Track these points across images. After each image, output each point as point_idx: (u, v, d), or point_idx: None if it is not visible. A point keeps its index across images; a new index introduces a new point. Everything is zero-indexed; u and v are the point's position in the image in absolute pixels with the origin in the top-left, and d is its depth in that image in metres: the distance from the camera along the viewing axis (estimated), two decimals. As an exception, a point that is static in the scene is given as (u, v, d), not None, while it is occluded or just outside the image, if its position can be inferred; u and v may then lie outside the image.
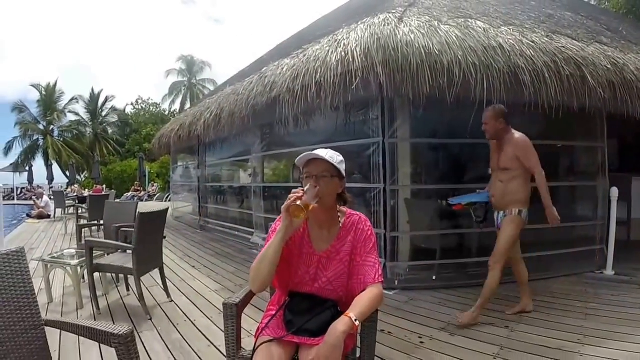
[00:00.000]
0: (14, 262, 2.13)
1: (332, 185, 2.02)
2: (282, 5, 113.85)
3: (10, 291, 2.07)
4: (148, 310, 4.51)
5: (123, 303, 5.02)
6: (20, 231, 12.55)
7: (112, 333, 1.94)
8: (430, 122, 5.74)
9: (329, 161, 2.00)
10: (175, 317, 4.44)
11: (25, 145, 39.77)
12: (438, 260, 5.41)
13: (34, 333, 2.11)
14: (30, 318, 2.12)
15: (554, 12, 6.88)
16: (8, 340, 2.00)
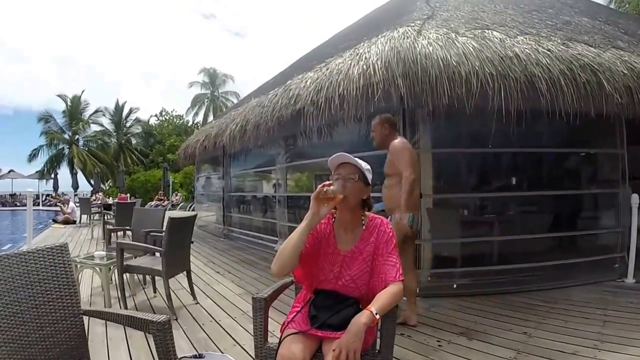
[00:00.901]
0: (57, 255, 2.32)
1: (358, 187, 2.17)
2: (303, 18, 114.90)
3: (53, 281, 2.27)
4: (174, 310, 4.71)
5: (150, 304, 5.27)
6: (46, 235, 13.24)
7: (151, 320, 2.10)
8: (450, 132, 5.83)
9: (357, 165, 2.18)
10: (200, 318, 4.63)
11: (51, 154, 40.88)
12: (459, 268, 5.49)
13: (73, 320, 2.29)
14: (70, 307, 2.30)
15: (571, 19, 6.94)
16: (48, 325, 2.19)
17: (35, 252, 2.26)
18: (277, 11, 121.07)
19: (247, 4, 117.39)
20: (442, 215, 5.90)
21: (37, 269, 2.23)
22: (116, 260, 4.99)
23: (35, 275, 2.21)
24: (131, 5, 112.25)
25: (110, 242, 7.18)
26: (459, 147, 5.69)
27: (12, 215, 26.05)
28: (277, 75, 12.00)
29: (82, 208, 15.89)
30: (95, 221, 13.82)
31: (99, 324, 4.22)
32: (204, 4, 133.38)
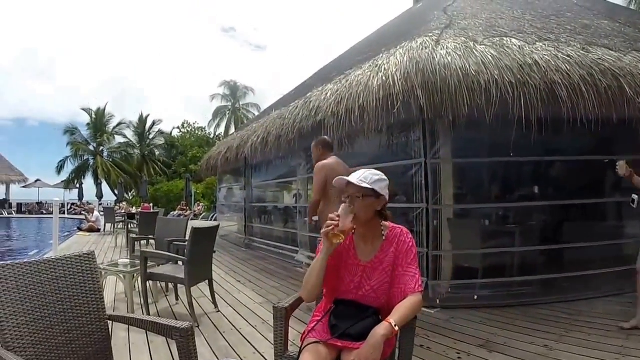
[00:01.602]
0: (85, 262, 2.43)
1: (365, 204, 2.16)
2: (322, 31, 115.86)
3: (81, 287, 2.37)
4: (196, 318, 4.80)
5: (172, 311, 5.37)
6: (71, 242, 13.58)
7: (175, 327, 2.15)
8: (471, 141, 5.83)
9: (358, 183, 2.15)
10: (221, 326, 4.70)
11: (76, 165, 41.92)
12: (480, 279, 5.44)
13: (98, 325, 2.39)
14: (96, 312, 2.40)
15: (590, 22, 6.87)
16: (75, 329, 2.28)
17: (64, 259, 2.36)
18: (297, 24, 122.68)
19: (266, 18, 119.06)
20: (463, 226, 5.89)
21: (65, 275, 2.32)
22: (140, 268, 5.12)
23: (63, 281, 2.30)
24: (152, 20, 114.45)
25: (134, 251, 7.33)
26: (480, 156, 5.68)
27: (38, 223, 26.54)
28: (297, 87, 12.13)
29: (107, 217, 16.34)
30: (119, 230, 14.20)
31: (121, 329, 4.31)
32: (223, 18, 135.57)
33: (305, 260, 8.45)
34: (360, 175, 2.20)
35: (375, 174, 2.22)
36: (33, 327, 2.11)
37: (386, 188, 2.23)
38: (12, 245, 16.58)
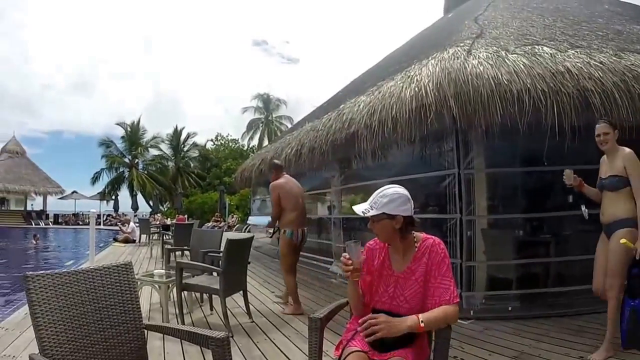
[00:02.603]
0: (123, 273, 2.54)
1: (382, 226, 2.26)
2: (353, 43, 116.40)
3: (118, 296, 2.47)
4: (230, 328, 4.89)
5: (206, 321, 5.51)
6: (107, 252, 14.02)
7: (211, 336, 2.21)
8: (504, 151, 5.80)
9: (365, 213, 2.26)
10: (255, 336, 4.78)
11: (112, 177, 43.21)
12: (514, 290, 5.41)
13: (135, 333, 2.49)
14: (133, 320, 2.50)
15: (622, 27, 6.77)
16: (112, 338, 2.38)
17: (102, 269, 2.47)
18: (328, 37, 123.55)
19: (298, 31, 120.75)
20: (497, 236, 5.86)
21: (103, 284, 2.43)
22: (175, 278, 5.26)
23: (101, 290, 2.41)
24: (185, 36, 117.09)
25: (169, 261, 7.53)
26: (513, 166, 5.64)
27: (74, 234, 27.34)
28: (330, 99, 12.26)
29: (142, 228, 16.90)
30: (154, 241, 14.63)
31: (156, 338, 4.40)
32: (255, 31, 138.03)
33: (340, 271, 8.50)
34: (371, 200, 2.29)
35: (385, 195, 2.26)
36: (71, 335, 2.20)
37: (402, 205, 2.25)
38: (49, 255, 17.26)
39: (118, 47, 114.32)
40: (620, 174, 3.75)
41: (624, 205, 3.74)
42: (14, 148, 41.71)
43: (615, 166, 3.82)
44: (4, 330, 5.04)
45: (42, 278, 2.19)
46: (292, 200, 6.09)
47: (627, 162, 3.72)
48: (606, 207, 3.93)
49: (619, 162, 3.78)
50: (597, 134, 3.87)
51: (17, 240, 24.36)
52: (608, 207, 3.91)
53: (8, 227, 32.76)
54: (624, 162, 3.74)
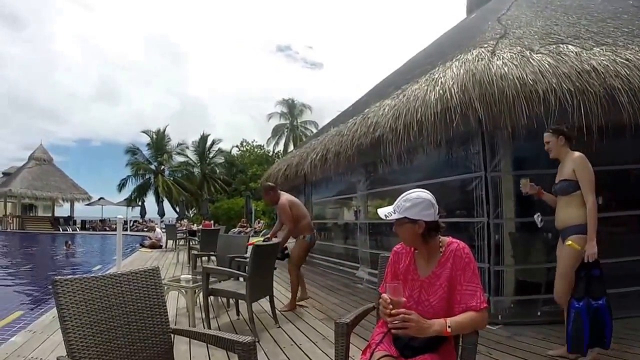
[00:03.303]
0: (150, 277, 2.64)
1: (405, 230, 2.30)
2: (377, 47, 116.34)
3: (146, 300, 2.57)
4: (257, 333, 4.96)
5: (232, 326, 5.61)
6: (134, 258, 14.40)
7: (237, 341, 2.26)
8: (531, 152, 5.71)
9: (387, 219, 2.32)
10: (281, 341, 4.85)
11: (138, 183, 44.31)
12: (543, 294, 5.27)
13: (162, 337, 2.58)
14: (160, 324, 2.59)
15: None
16: (139, 341, 2.47)
17: (130, 274, 2.57)
18: (351, 42, 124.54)
19: (321, 36, 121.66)
20: (525, 240, 5.78)
21: (130, 289, 2.53)
22: (202, 283, 5.38)
23: (129, 295, 2.50)
24: (209, 43, 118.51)
25: (196, 266, 7.67)
26: (541, 167, 5.53)
27: (101, 239, 27.91)
28: (354, 104, 12.32)
29: (168, 234, 17.17)
30: (181, 246, 14.87)
31: (183, 342, 4.53)
32: (279, 37, 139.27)
33: (366, 276, 8.55)
34: (395, 204, 2.33)
35: (410, 199, 2.29)
36: (99, 339, 2.28)
37: (425, 210, 2.26)
38: (75, 260, 17.67)
39: (143, 56, 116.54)
40: (570, 177, 3.95)
41: (576, 210, 3.91)
42: (42, 156, 43.01)
43: (565, 171, 4.03)
44: (31, 333, 5.24)
45: (70, 282, 2.28)
46: (301, 209, 6.76)
47: (575, 166, 3.92)
48: (558, 212, 4.13)
49: (569, 167, 3.98)
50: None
51: (44, 245, 25.39)
52: (560, 213, 4.10)
53: (36, 233, 34.16)
54: (574, 165, 3.94)
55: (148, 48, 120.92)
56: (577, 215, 3.89)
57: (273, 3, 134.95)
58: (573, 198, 3.94)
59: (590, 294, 3.76)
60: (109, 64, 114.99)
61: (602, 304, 3.72)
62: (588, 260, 3.74)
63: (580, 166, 3.90)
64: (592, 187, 3.85)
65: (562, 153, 4.11)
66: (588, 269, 3.78)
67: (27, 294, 10.21)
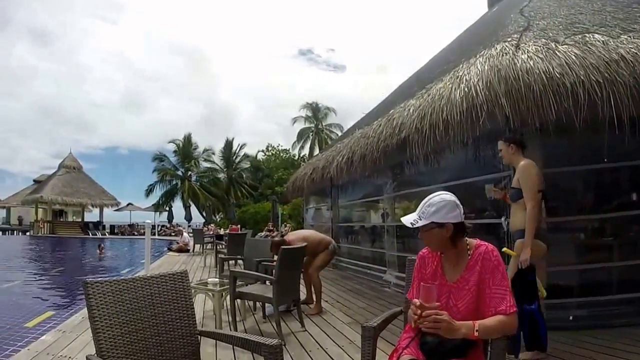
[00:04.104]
0: (178, 280, 2.69)
1: (432, 235, 2.26)
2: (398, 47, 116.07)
3: (174, 303, 2.63)
4: (283, 336, 4.98)
5: (259, 329, 5.65)
6: (162, 261, 14.73)
7: (263, 343, 2.29)
8: (561, 149, 5.65)
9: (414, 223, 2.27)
10: (308, 345, 4.86)
11: (165, 189, 45.24)
12: (575, 297, 5.23)
13: (189, 339, 2.63)
14: (187, 327, 2.64)
15: None
16: (167, 342, 2.53)
17: (159, 277, 2.63)
18: (372, 41, 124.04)
19: (342, 38, 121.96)
20: (556, 241, 5.49)
21: (159, 292, 2.59)
22: (229, 286, 5.45)
23: (157, 297, 2.57)
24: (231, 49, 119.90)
25: (223, 270, 7.76)
26: (571, 164, 5.49)
27: (130, 244, 28.50)
28: (379, 105, 12.30)
29: (195, 238, 17.67)
30: (208, 250, 15.20)
31: (209, 345, 4.60)
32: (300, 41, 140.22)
33: (394, 280, 8.52)
34: (419, 210, 2.29)
35: (432, 204, 2.26)
36: (127, 339, 2.36)
37: (451, 212, 2.24)
38: (104, 263, 18.19)
39: (168, 64, 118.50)
40: (515, 185, 4.19)
41: (522, 215, 4.07)
42: (71, 163, 44.72)
43: (514, 179, 4.27)
44: (61, 333, 5.43)
45: (100, 284, 2.36)
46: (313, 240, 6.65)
47: (519, 174, 4.16)
48: (510, 217, 4.36)
49: (516, 175, 4.23)
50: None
51: (74, 249, 26.38)
52: (511, 217, 4.34)
53: (66, 237, 35.73)
54: (518, 174, 4.18)
55: (172, 57, 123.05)
56: (522, 221, 4.03)
57: (293, 8, 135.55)
58: (521, 204, 4.10)
59: (525, 298, 3.88)
60: (134, 73, 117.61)
61: (534, 308, 3.89)
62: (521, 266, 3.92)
63: (523, 174, 4.11)
64: (531, 195, 4.00)
65: (514, 161, 4.34)
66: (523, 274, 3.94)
67: (57, 295, 10.58)
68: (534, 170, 4.12)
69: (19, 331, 6.15)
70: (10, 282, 12.12)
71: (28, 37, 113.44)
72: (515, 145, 4.35)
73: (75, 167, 45.01)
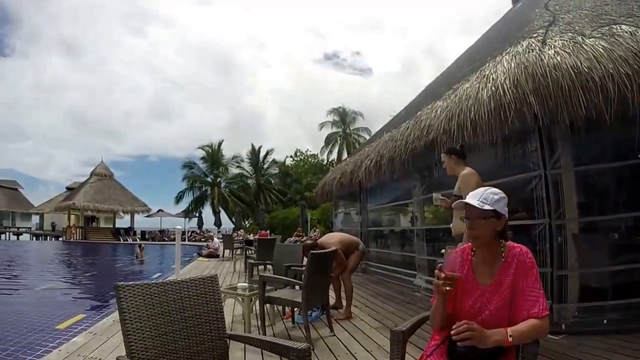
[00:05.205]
0: (208, 285, 2.75)
1: (487, 225, 2.20)
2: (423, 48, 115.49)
3: (204, 306, 2.68)
4: (312, 341, 4.99)
5: (288, 333, 5.65)
6: (192, 267, 15.00)
7: (292, 347, 2.30)
8: (593, 146, 5.56)
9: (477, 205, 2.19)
10: (336, 350, 4.85)
11: (195, 196, 46.25)
12: (610, 300, 5.08)
13: (218, 342, 2.68)
14: (216, 330, 2.69)
15: None
16: (196, 345, 2.59)
17: (189, 281, 2.70)
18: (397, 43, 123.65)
19: (367, 41, 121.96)
20: (590, 241, 5.54)
21: (189, 295, 2.65)
22: (258, 291, 5.49)
23: (187, 301, 2.63)
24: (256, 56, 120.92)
25: (252, 275, 7.85)
26: (603, 161, 5.39)
27: (160, 249, 29.00)
28: (406, 107, 12.25)
29: (225, 243, 17.85)
30: (237, 255, 15.50)
31: (238, 348, 4.65)
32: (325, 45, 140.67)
33: (423, 284, 8.45)
34: (480, 196, 2.24)
35: (495, 192, 2.26)
36: (157, 341, 2.42)
37: (505, 206, 2.25)
38: (134, 268, 18.70)
39: (196, 72, 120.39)
40: (457, 193, 4.57)
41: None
42: (102, 171, 45.97)
43: (456, 186, 4.66)
44: (92, 335, 5.58)
45: (132, 288, 2.44)
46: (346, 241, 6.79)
47: (460, 182, 4.56)
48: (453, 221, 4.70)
49: (457, 182, 4.62)
50: None
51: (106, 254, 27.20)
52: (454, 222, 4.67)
53: (98, 243, 36.83)
54: (459, 182, 4.58)
55: (200, 64, 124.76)
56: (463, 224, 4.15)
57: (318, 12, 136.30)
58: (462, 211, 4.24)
59: None
60: (163, 82, 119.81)
61: None
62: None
63: (463, 182, 4.50)
64: None
65: (456, 170, 4.76)
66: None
67: (88, 298, 10.94)
68: (475, 178, 4.50)
69: (51, 333, 6.33)
70: (44, 285, 12.48)
71: (59, 50, 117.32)
72: (455, 155, 4.85)
73: (107, 175, 46.13)
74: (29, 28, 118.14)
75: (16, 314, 7.99)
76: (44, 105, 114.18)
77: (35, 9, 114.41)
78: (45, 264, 20.11)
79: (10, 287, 12.45)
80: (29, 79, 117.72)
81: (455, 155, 4.83)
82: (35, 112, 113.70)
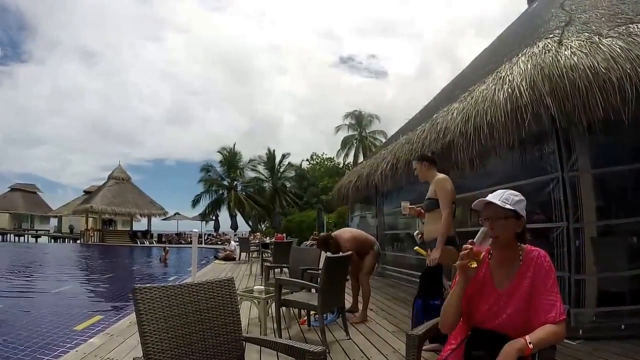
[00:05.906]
0: (225, 287, 2.80)
1: (507, 225, 2.20)
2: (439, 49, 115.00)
3: (220, 309, 2.72)
4: (327, 344, 5.01)
5: (303, 336, 5.67)
6: (208, 269, 15.13)
7: (308, 350, 2.33)
8: (610, 148, 5.47)
9: (500, 205, 2.19)
10: (352, 353, 4.86)
11: (212, 199, 46.95)
12: (629, 305, 5.00)
13: (234, 345, 2.71)
14: (233, 332, 2.73)
15: None
16: (213, 347, 2.63)
17: (206, 283, 2.74)
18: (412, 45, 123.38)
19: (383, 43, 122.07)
20: (609, 245, 5.46)
21: (206, 298, 2.69)
22: (274, 294, 5.53)
23: (204, 303, 2.67)
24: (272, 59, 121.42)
25: (268, 278, 7.88)
26: (622, 163, 5.30)
27: (177, 252, 29.22)
28: (422, 109, 12.24)
29: (241, 246, 17.91)
30: (254, 258, 15.50)
31: (254, 351, 4.67)
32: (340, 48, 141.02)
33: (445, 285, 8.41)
34: (501, 196, 2.24)
35: (515, 194, 2.26)
36: (174, 343, 2.46)
37: (524, 208, 2.26)
38: (152, 271, 18.92)
39: (213, 77, 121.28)
40: (432, 196, 4.77)
41: (437, 224, 4.62)
42: (120, 175, 46.84)
43: (430, 191, 4.84)
44: (109, 336, 5.65)
45: (149, 290, 2.48)
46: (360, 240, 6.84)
47: (436, 186, 4.75)
48: (425, 226, 4.99)
49: (432, 187, 4.81)
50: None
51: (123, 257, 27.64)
52: (426, 226, 4.95)
53: (115, 245, 37.39)
54: (434, 186, 4.77)
55: (216, 70, 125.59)
56: (437, 228, 4.60)
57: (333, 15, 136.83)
58: (436, 214, 4.71)
59: (430, 294, 4.63)
60: (180, 88, 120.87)
61: (438, 304, 4.26)
62: (429, 264, 4.64)
63: (439, 187, 4.71)
64: (447, 204, 4.60)
65: (429, 176, 4.99)
66: (432, 272, 4.70)
67: (105, 300, 11.00)
68: (449, 184, 4.74)
69: (69, 334, 6.44)
70: (62, 287, 12.71)
71: (76, 57, 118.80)
72: (427, 162, 5.08)
73: (124, 178, 46.93)
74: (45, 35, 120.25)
75: (35, 315, 8.16)
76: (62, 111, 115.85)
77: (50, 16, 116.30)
78: (63, 266, 20.46)
79: (29, 289, 12.69)
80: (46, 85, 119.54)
81: (427, 162, 5.08)
82: (53, 118, 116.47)
